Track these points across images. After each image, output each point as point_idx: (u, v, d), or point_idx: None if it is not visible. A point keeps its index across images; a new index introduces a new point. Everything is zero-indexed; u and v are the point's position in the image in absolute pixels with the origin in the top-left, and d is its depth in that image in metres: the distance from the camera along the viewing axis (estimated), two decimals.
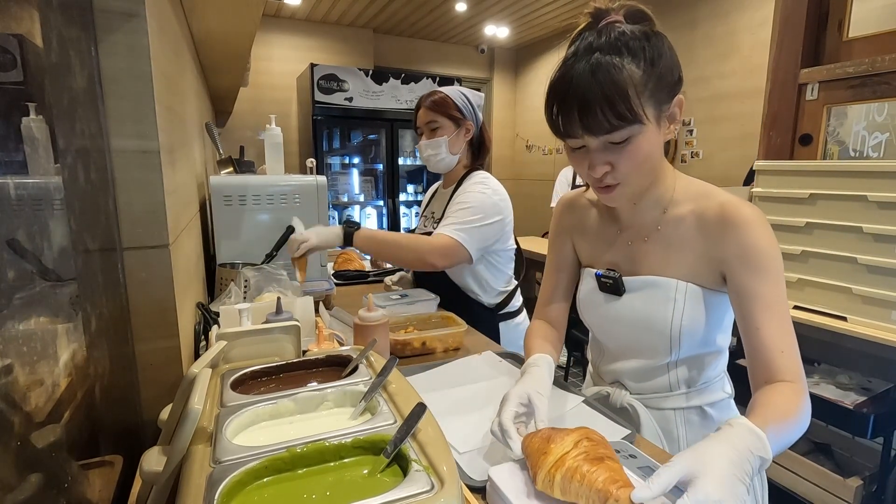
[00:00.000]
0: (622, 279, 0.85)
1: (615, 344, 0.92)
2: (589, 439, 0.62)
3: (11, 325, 0.56)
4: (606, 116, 0.69)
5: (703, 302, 0.79)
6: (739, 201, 0.76)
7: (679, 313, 0.80)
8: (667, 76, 0.72)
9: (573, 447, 0.61)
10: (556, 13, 4.39)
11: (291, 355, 0.80)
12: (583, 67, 0.70)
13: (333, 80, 4.07)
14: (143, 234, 0.73)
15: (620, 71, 0.69)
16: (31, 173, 0.70)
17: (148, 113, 0.71)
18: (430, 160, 1.52)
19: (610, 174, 0.75)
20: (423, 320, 1.29)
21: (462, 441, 0.78)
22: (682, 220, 0.81)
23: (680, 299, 0.80)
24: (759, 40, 3.18)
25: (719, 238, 0.76)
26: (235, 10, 1.41)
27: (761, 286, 0.72)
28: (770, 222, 0.76)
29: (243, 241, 1.48)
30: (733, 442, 0.57)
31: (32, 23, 0.66)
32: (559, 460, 0.60)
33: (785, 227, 1.53)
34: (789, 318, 0.73)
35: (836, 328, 1.39)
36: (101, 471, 0.66)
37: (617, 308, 0.86)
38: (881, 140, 1.85)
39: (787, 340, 0.71)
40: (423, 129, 1.51)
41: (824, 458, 1.63)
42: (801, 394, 0.68)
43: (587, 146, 0.74)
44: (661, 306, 0.81)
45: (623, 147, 0.72)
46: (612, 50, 0.70)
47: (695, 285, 0.80)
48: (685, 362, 0.85)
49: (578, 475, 0.58)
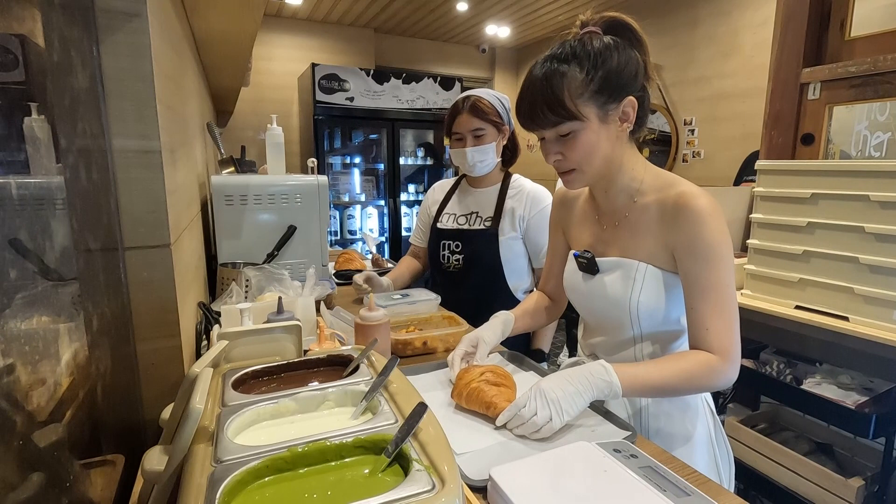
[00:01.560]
0: (595, 259, 0.95)
1: (591, 319, 1.04)
2: (493, 372, 0.89)
3: (13, 325, 0.56)
4: (545, 114, 0.83)
5: (661, 283, 0.89)
6: (696, 193, 0.84)
7: (637, 292, 0.90)
8: (612, 80, 0.83)
9: (479, 375, 0.88)
10: (557, 13, 4.38)
11: (293, 355, 0.80)
12: (536, 73, 0.85)
13: (334, 80, 4.07)
14: (145, 234, 0.73)
15: (563, 76, 0.82)
16: (32, 173, 0.70)
17: (149, 113, 0.71)
18: (476, 166, 1.52)
19: (562, 161, 0.88)
20: (425, 320, 1.29)
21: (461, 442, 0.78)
22: (647, 208, 0.90)
23: (639, 279, 0.90)
24: (760, 40, 3.18)
25: (673, 225, 0.85)
26: (237, 10, 1.41)
27: (701, 272, 0.82)
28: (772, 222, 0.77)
29: (244, 241, 1.48)
30: (580, 368, 0.80)
31: (34, 23, 0.66)
32: (468, 383, 0.87)
33: (786, 226, 1.53)
34: (727, 301, 0.82)
35: (838, 328, 1.39)
36: (102, 470, 0.66)
37: (591, 286, 0.97)
38: (883, 140, 1.84)
39: (714, 320, 0.82)
40: (464, 135, 1.50)
41: (826, 458, 1.63)
42: (709, 360, 0.81)
43: (545, 138, 0.89)
44: (624, 285, 0.91)
45: (569, 139, 0.85)
46: (563, 58, 0.83)
47: (654, 267, 0.89)
48: (648, 338, 0.95)
49: (477, 391, 0.85)
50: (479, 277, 1.54)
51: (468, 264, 1.56)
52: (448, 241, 1.60)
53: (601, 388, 0.79)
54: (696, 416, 0.95)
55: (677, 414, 0.94)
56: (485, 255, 1.53)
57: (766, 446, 1.64)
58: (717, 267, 0.82)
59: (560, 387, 0.78)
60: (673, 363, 0.83)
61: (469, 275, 1.56)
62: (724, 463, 0.98)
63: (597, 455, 0.69)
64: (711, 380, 0.82)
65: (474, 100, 1.49)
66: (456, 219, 1.62)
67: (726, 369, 0.82)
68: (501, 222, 1.52)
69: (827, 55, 1.86)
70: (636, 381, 0.80)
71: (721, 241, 0.82)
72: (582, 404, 0.78)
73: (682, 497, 0.60)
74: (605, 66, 0.82)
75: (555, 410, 0.76)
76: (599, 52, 0.82)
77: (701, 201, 0.83)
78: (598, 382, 0.79)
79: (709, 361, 0.81)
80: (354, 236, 4.47)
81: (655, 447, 0.81)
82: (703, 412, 0.97)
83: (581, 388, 0.78)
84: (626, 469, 0.66)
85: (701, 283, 0.83)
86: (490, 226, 1.53)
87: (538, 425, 0.76)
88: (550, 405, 0.77)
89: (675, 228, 0.85)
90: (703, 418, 0.96)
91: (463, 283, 1.56)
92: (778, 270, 1.56)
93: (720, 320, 0.82)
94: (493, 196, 1.57)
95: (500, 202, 1.54)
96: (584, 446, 0.72)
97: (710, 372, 0.81)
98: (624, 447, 0.72)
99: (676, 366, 0.82)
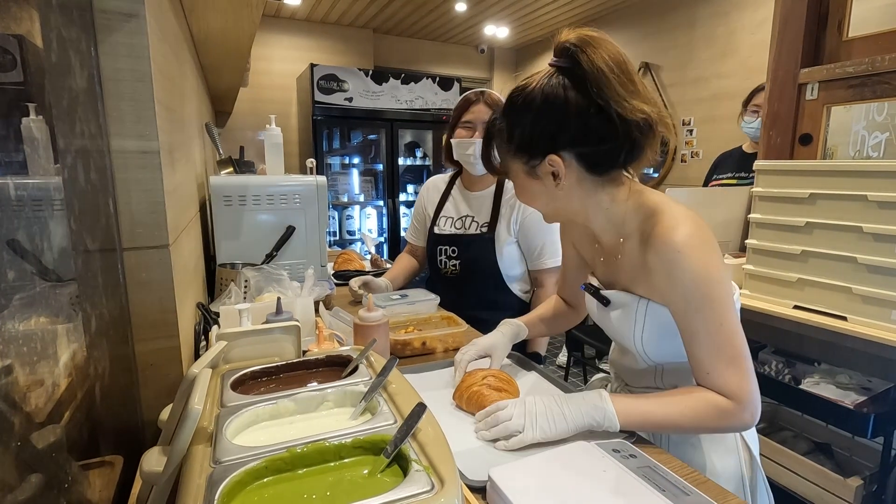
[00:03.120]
0: (601, 292, 0.91)
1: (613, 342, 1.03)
2: (496, 377, 0.91)
3: (12, 326, 0.56)
4: (483, 164, 0.97)
5: (663, 319, 0.81)
6: (672, 226, 0.76)
7: (640, 330, 0.85)
8: (527, 139, 0.81)
9: (482, 379, 0.90)
10: (556, 13, 4.39)
11: (291, 355, 0.80)
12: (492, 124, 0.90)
13: (333, 81, 4.07)
14: (143, 235, 0.73)
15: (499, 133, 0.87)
16: (31, 173, 0.70)
17: (148, 113, 0.71)
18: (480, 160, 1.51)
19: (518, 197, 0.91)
20: (423, 320, 1.29)
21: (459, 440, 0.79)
22: (633, 248, 0.84)
23: (640, 318, 0.84)
24: (758, 40, 3.18)
25: (655, 268, 0.78)
26: (235, 11, 1.41)
27: (686, 315, 0.75)
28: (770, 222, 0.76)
29: (243, 242, 1.48)
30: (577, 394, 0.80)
31: (32, 23, 0.66)
32: (470, 385, 0.90)
33: (785, 226, 1.53)
34: (724, 341, 0.74)
35: (837, 328, 1.39)
36: (101, 471, 0.66)
37: (603, 315, 0.92)
38: (881, 139, 1.85)
39: (714, 363, 0.74)
40: (475, 125, 1.49)
41: (824, 457, 1.63)
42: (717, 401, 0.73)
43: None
44: (627, 321, 0.86)
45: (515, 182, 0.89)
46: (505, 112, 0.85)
47: (655, 303, 0.82)
48: (666, 368, 0.89)
49: (477, 395, 0.88)
50: (477, 282, 1.54)
51: (465, 269, 1.55)
52: (444, 246, 1.60)
53: (593, 415, 0.75)
54: (724, 448, 0.85)
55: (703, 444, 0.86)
56: (482, 260, 1.52)
57: (764, 446, 1.64)
58: (703, 308, 0.73)
59: (545, 404, 0.77)
60: (678, 400, 0.76)
61: (467, 280, 1.55)
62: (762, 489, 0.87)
63: (596, 455, 0.69)
64: (722, 421, 0.74)
65: (489, 93, 1.51)
66: (452, 223, 1.62)
67: (739, 413, 0.73)
68: (498, 227, 1.51)
69: (825, 55, 1.86)
70: (635, 413, 0.76)
71: (705, 278, 0.73)
72: (564, 427, 0.75)
73: (681, 497, 0.60)
74: (521, 124, 0.81)
75: (529, 423, 0.75)
76: (519, 110, 0.80)
77: (678, 237, 0.74)
78: (589, 409, 0.76)
79: (717, 402, 0.74)
80: (353, 237, 4.47)
81: (655, 447, 0.81)
82: (736, 445, 0.86)
83: (567, 413, 0.76)
84: (625, 469, 0.66)
85: (691, 327, 0.75)
86: (486, 231, 1.52)
87: (508, 430, 0.76)
88: (527, 416, 0.76)
89: (656, 272, 0.78)
90: (733, 452, 0.86)
91: (462, 288, 1.55)
92: (776, 270, 1.56)
93: (720, 362, 0.74)
94: (488, 199, 1.56)
95: (496, 206, 1.53)
96: (583, 446, 0.72)
97: (719, 413, 0.73)
98: (623, 447, 0.72)
99: (682, 404, 0.75)
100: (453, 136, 1.54)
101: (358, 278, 1.59)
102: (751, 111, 2.42)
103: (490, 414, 0.80)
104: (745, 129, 2.45)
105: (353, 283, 1.57)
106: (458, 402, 0.91)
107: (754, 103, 2.41)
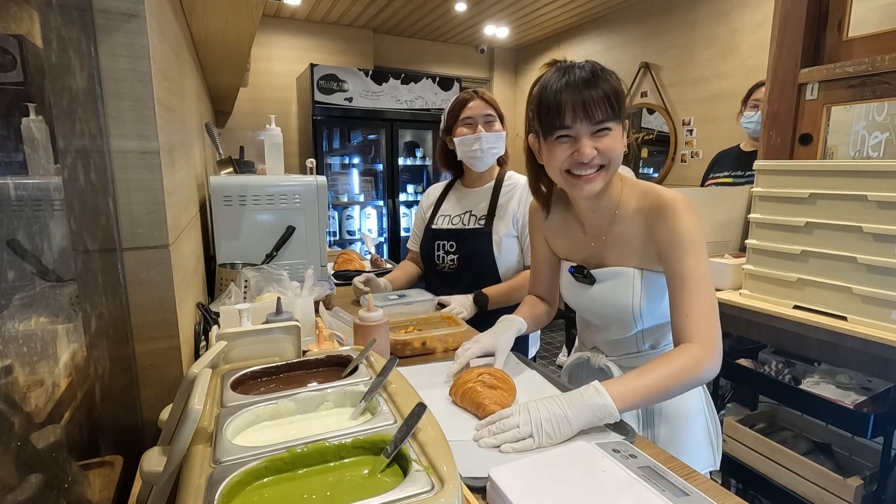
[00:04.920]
0: (590, 272, 1.03)
1: (594, 319, 1.10)
2: (490, 374, 0.91)
3: (11, 326, 0.56)
4: (602, 107, 0.87)
5: (655, 284, 0.97)
6: (672, 193, 0.93)
7: (637, 296, 0.97)
8: (622, 99, 0.90)
9: (477, 376, 0.90)
10: (556, 13, 4.39)
11: (291, 355, 0.80)
12: (580, 74, 0.88)
13: (333, 81, 4.06)
14: (143, 235, 0.73)
15: (612, 78, 0.89)
16: (30, 174, 0.70)
17: (148, 113, 0.71)
18: (488, 153, 1.52)
19: (596, 157, 0.91)
20: (423, 320, 1.29)
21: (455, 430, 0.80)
22: (630, 219, 0.98)
23: (637, 284, 0.97)
24: (758, 40, 3.18)
25: (655, 223, 0.93)
26: (235, 11, 1.41)
27: (679, 262, 0.89)
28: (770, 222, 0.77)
29: (243, 242, 1.48)
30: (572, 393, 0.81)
31: (32, 23, 0.66)
32: (465, 382, 0.90)
33: (785, 226, 1.53)
34: (704, 289, 0.88)
35: (836, 328, 1.39)
36: (101, 471, 0.66)
37: (591, 294, 1.04)
38: (881, 139, 1.85)
39: (692, 307, 0.87)
40: (475, 120, 1.51)
41: (824, 457, 1.63)
42: (691, 353, 0.85)
43: (576, 136, 0.90)
44: (623, 291, 0.98)
45: (602, 137, 0.90)
46: (596, 67, 0.90)
47: (648, 271, 0.97)
48: (649, 331, 1.03)
49: (471, 392, 0.88)
50: (473, 277, 1.54)
51: (462, 264, 1.56)
52: (442, 241, 1.60)
53: (594, 412, 0.78)
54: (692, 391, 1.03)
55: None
56: (479, 254, 1.53)
57: (764, 446, 1.64)
58: (694, 257, 0.88)
59: (550, 410, 0.78)
60: (660, 366, 0.84)
61: (464, 274, 1.56)
62: (714, 433, 1.08)
63: (596, 455, 0.69)
64: (698, 372, 0.84)
65: (482, 91, 1.54)
66: (450, 219, 1.62)
67: (710, 357, 0.85)
68: (495, 221, 1.52)
69: (825, 55, 1.86)
70: (630, 394, 0.80)
71: (696, 234, 0.89)
72: (569, 431, 0.77)
73: (681, 497, 0.60)
74: (620, 86, 0.91)
75: (535, 431, 0.76)
76: (615, 76, 0.91)
77: (677, 199, 0.91)
78: (591, 408, 0.78)
79: (691, 353, 0.85)
80: (353, 237, 4.46)
81: (655, 447, 0.81)
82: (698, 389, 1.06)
83: (570, 415, 0.77)
84: (625, 469, 0.66)
85: (680, 273, 0.88)
86: (484, 225, 1.53)
87: (516, 437, 0.76)
88: (532, 424, 0.77)
89: (657, 225, 0.92)
90: (697, 392, 1.06)
91: (458, 283, 1.55)
92: (776, 270, 1.56)
93: (698, 307, 0.86)
94: (487, 194, 1.56)
95: (494, 200, 1.54)
96: (583, 446, 0.72)
97: (695, 364, 0.84)
98: (623, 447, 0.72)
99: (663, 368, 0.84)
100: (453, 135, 1.54)
101: (361, 276, 1.60)
102: (750, 106, 2.42)
103: (493, 422, 0.79)
104: (745, 124, 2.44)
105: (356, 280, 1.59)
106: (454, 399, 0.92)
107: (754, 98, 2.41)
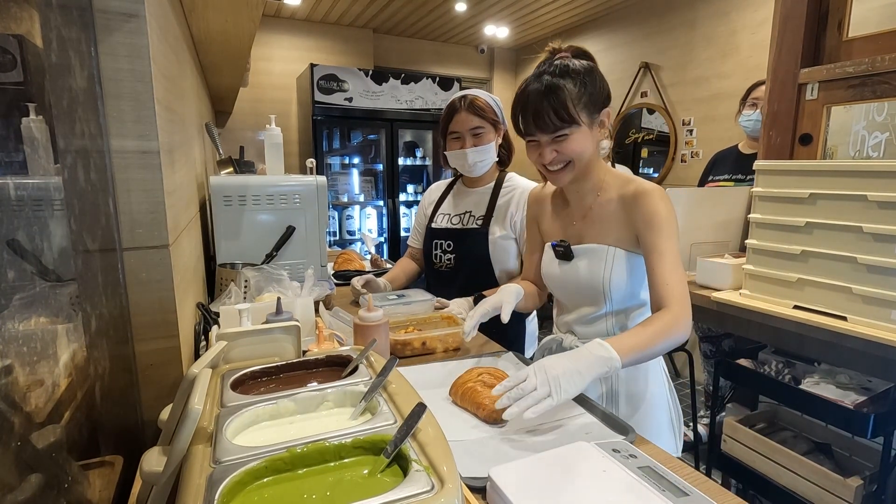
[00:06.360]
0: (571, 247, 1.11)
1: (567, 299, 1.18)
2: (491, 374, 0.94)
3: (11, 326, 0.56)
4: (551, 120, 0.99)
5: (627, 263, 1.06)
6: (650, 184, 1.04)
7: (609, 272, 1.06)
8: (595, 95, 1.02)
9: (476, 376, 0.93)
10: (556, 13, 4.39)
11: (291, 355, 0.80)
12: (536, 87, 1.01)
13: (333, 81, 4.06)
14: (143, 235, 0.73)
15: (562, 89, 0.98)
16: (30, 173, 0.70)
17: (148, 113, 0.71)
18: (476, 166, 1.52)
19: (557, 157, 1.03)
20: (423, 320, 1.29)
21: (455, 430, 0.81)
22: (610, 201, 1.09)
23: (609, 260, 1.07)
24: (758, 40, 3.18)
25: (634, 208, 1.03)
26: (235, 11, 1.41)
27: (657, 240, 0.99)
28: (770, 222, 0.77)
29: (243, 242, 1.48)
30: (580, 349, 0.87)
31: (32, 23, 0.66)
32: (465, 381, 0.93)
33: (785, 226, 1.53)
34: (678, 264, 0.99)
35: (836, 328, 1.39)
36: (101, 471, 0.66)
37: (566, 270, 1.13)
38: (881, 140, 1.85)
39: (672, 276, 0.97)
40: (462, 134, 1.50)
41: (824, 457, 1.63)
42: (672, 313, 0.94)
43: (539, 141, 1.03)
44: (597, 266, 1.08)
45: (563, 140, 1.01)
46: (558, 74, 1.00)
47: (621, 249, 1.06)
48: (617, 312, 1.11)
49: (471, 392, 0.90)
50: (469, 277, 1.54)
51: (459, 263, 1.56)
52: (441, 240, 1.61)
53: (601, 365, 0.84)
54: (655, 377, 1.13)
55: (640, 376, 1.11)
56: (474, 254, 1.53)
57: (764, 446, 1.64)
58: (670, 236, 0.99)
59: (563, 366, 0.81)
60: (649, 324, 0.94)
61: (460, 274, 1.56)
62: (676, 420, 1.16)
63: (596, 455, 0.69)
64: (679, 329, 0.94)
65: (472, 98, 1.49)
66: (450, 219, 1.62)
67: (687, 318, 0.96)
68: (492, 221, 1.53)
69: (825, 55, 1.86)
70: (626, 349, 0.87)
71: (672, 219, 1.00)
72: (581, 384, 0.81)
73: (680, 497, 0.60)
74: (591, 82, 1.01)
75: (554, 388, 0.79)
76: (586, 71, 1.01)
77: (657, 188, 1.03)
78: (598, 360, 0.84)
79: (673, 313, 0.94)
80: (353, 237, 4.46)
81: (654, 447, 0.81)
82: (660, 374, 1.15)
83: (581, 367, 0.82)
84: (624, 469, 0.66)
85: (659, 248, 0.99)
86: (481, 225, 1.53)
87: (537, 399, 0.78)
88: (550, 382, 0.79)
89: (636, 210, 1.02)
90: (660, 379, 1.14)
91: (454, 283, 1.56)
92: (776, 270, 1.56)
93: (675, 277, 0.97)
94: (486, 195, 1.57)
95: (493, 201, 1.55)
96: (583, 446, 0.72)
97: (676, 322, 0.93)
98: (623, 447, 0.72)
99: (652, 325, 0.93)
100: (446, 145, 1.56)
101: (360, 277, 1.60)
102: (749, 104, 2.41)
103: (509, 388, 0.80)
104: (743, 123, 2.44)
105: (354, 281, 1.58)
106: (454, 398, 0.93)
107: (753, 96, 2.40)
